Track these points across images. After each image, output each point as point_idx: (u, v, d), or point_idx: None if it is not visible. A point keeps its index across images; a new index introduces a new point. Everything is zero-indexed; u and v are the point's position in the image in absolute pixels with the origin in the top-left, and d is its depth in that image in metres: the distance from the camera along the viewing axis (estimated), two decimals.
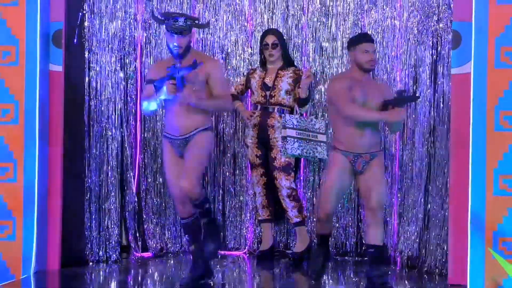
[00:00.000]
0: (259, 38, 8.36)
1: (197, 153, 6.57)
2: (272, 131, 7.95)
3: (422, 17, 7.77)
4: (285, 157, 7.84)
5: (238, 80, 8.44)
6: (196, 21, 6.80)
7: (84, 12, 7.82)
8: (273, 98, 8.00)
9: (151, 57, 8.48)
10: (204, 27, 7.72)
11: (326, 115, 8.36)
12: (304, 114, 8.15)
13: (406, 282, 7.37)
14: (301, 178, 8.53)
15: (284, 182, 7.91)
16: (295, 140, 7.69)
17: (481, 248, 6.72)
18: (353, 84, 6.57)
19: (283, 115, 7.89)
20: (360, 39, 6.75)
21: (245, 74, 8.42)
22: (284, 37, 8.31)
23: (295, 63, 8.37)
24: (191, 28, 6.57)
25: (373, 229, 6.60)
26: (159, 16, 6.73)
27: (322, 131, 7.87)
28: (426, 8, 7.71)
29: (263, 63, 8.17)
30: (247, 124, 8.13)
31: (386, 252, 6.85)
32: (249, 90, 8.26)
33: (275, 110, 7.99)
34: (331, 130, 8.19)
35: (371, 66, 6.72)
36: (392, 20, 8.16)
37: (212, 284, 7.05)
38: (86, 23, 7.85)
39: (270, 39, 8.05)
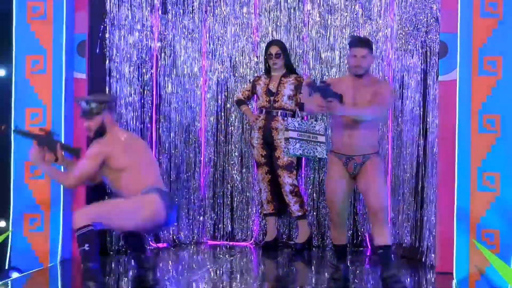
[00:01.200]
0: (264, 48, 8.38)
1: None
2: (275, 133, 8.05)
3: (412, 29, 7.78)
4: (287, 156, 7.89)
5: (245, 86, 8.48)
6: (103, 102, 6.32)
7: (105, 25, 7.81)
8: (276, 103, 8.08)
9: (166, 65, 8.47)
10: (107, 101, 6.45)
11: (325, 117, 8.39)
12: (305, 117, 8.20)
13: (399, 270, 7.15)
14: (303, 175, 8.54)
15: (286, 180, 8.02)
16: (297, 141, 7.69)
17: (466, 239, 6.73)
18: (340, 87, 6.09)
19: (285, 118, 7.94)
20: (351, 43, 6.30)
21: (251, 81, 8.45)
22: (287, 47, 8.32)
23: (297, 71, 8.39)
24: (97, 110, 6.25)
25: (378, 230, 6.21)
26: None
27: (322, 133, 7.86)
28: (415, 21, 7.73)
29: (268, 71, 8.23)
30: (253, 126, 8.18)
31: (393, 250, 6.32)
32: (255, 95, 8.32)
33: (279, 114, 8.08)
34: (329, 132, 8.32)
35: (355, 71, 6.21)
36: (385, 32, 8.19)
37: (211, 272, 7.12)
38: (107, 35, 7.83)
39: (274, 50, 8.11)
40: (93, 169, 6.19)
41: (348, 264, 6.70)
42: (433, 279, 6.84)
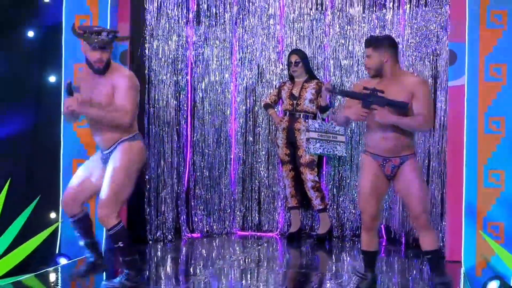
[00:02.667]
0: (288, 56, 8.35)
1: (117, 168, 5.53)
2: (298, 133, 7.99)
3: (423, 38, 7.76)
4: (309, 155, 7.89)
5: (271, 91, 8.44)
6: (117, 34, 5.57)
7: (145, 35, 7.85)
8: (299, 106, 8.04)
9: (200, 72, 8.48)
10: (124, 39, 6.09)
11: None
12: (326, 119, 8.20)
13: (411, 259, 7.33)
14: (324, 172, 8.50)
15: (308, 176, 7.97)
16: (317, 141, 7.75)
17: (473, 231, 6.74)
18: (361, 89, 5.48)
19: (307, 120, 7.95)
20: (364, 44, 5.67)
21: (277, 86, 8.43)
22: (308, 55, 8.27)
23: (319, 77, 8.34)
24: (112, 42, 5.50)
25: (423, 235, 5.53)
26: (79, 31, 5.48)
27: (341, 133, 7.91)
28: (426, 31, 7.73)
29: (292, 77, 8.18)
30: (278, 127, 8.15)
31: (442, 255, 5.79)
32: (280, 99, 8.30)
33: (301, 116, 8.03)
34: (349, 132, 8.33)
35: (368, 73, 5.59)
36: (399, 42, 7.96)
37: (240, 260, 7.12)
38: (146, 45, 7.87)
39: (293, 58, 8.08)
40: (137, 99, 5.57)
41: (376, 272, 5.79)
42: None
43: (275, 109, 8.35)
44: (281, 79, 8.56)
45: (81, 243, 5.79)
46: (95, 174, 5.64)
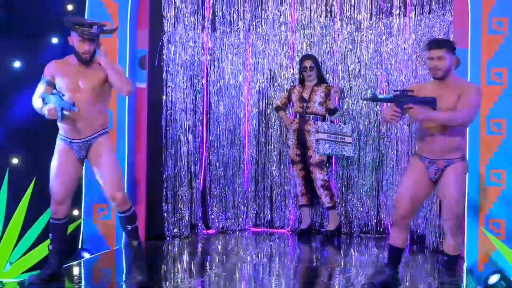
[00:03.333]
0: (299, 61, 8.37)
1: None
2: (308, 135, 8.04)
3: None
4: (318, 155, 7.97)
5: (283, 94, 8.46)
6: (104, 28, 5.54)
7: (163, 42, 7.85)
8: (309, 109, 8.07)
9: (215, 76, 8.50)
10: (111, 32, 5.78)
11: (352, 121, 8.37)
12: (335, 121, 8.23)
13: (415, 254, 7.34)
14: (333, 172, 8.50)
15: (318, 175, 8.02)
16: (326, 141, 7.87)
17: (475, 227, 6.75)
18: (421, 93, 5.31)
19: (316, 122, 8.02)
20: (426, 45, 5.42)
21: (287, 90, 8.45)
22: (319, 60, 8.31)
23: (328, 81, 8.34)
24: (99, 35, 5.50)
25: (446, 238, 5.44)
26: (71, 23, 5.50)
27: (349, 134, 7.98)
28: (431, 37, 7.56)
29: (302, 81, 8.23)
30: (289, 129, 8.19)
31: (459, 261, 5.55)
32: (291, 102, 8.32)
33: (311, 118, 8.07)
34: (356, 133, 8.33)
35: (433, 74, 5.31)
36: (404, 47, 8.11)
37: (253, 255, 7.13)
38: (164, 50, 7.87)
39: (308, 63, 8.12)
40: None
41: (398, 270, 5.61)
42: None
43: (286, 112, 8.38)
44: (292, 83, 8.55)
45: (51, 247, 5.66)
46: (70, 169, 5.57)
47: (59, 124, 5.56)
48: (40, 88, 5.58)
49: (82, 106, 5.42)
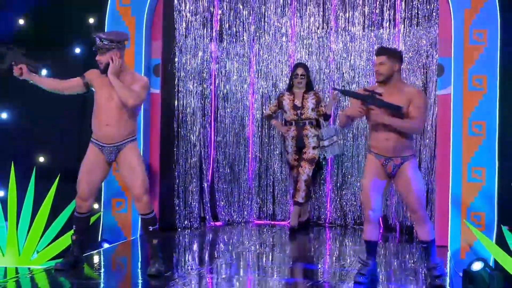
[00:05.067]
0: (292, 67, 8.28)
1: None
2: (306, 138, 7.86)
3: (415, 53, 7.78)
4: (312, 152, 7.81)
5: (272, 102, 8.22)
6: (113, 42, 5.43)
7: (175, 51, 7.86)
8: (303, 115, 7.87)
9: (222, 83, 8.51)
10: (120, 42, 5.54)
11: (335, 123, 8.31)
12: (330, 124, 8.17)
13: (403, 244, 7.35)
14: (329, 169, 8.48)
15: (306, 170, 7.79)
16: (328, 147, 7.79)
17: (458, 219, 6.79)
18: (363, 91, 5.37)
19: (311, 126, 7.86)
20: (378, 51, 5.41)
21: (276, 98, 8.22)
22: (316, 68, 8.26)
23: (324, 87, 8.33)
24: (109, 48, 5.40)
25: (419, 227, 5.39)
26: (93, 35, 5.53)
27: (335, 134, 7.86)
28: (418, 48, 7.74)
29: (290, 87, 8.02)
30: (286, 136, 7.95)
31: (434, 244, 5.43)
32: (279, 110, 8.06)
33: (306, 123, 7.87)
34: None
35: (376, 78, 5.34)
36: None
37: (257, 245, 7.12)
38: (176, 59, 7.86)
39: (300, 71, 7.92)
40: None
41: (376, 260, 5.59)
42: None
43: (278, 120, 8.20)
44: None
45: (74, 237, 5.66)
46: (97, 170, 5.56)
47: (92, 128, 5.57)
48: (74, 80, 5.60)
49: (113, 113, 5.45)
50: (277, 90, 8.68)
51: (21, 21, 7.92)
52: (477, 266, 6.21)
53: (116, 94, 5.43)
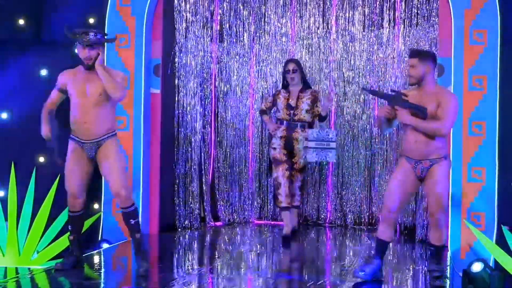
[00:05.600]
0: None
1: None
2: (296, 142, 7.26)
3: None
4: (304, 162, 7.34)
5: (268, 98, 7.64)
6: (106, 37, 5.59)
7: (175, 51, 7.86)
8: (296, 116, 7.30)
9: (222, 82, 8.50)
10: (112, 41, 5.90)
11: (338, 126, 8.32)
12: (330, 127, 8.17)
13: (403, 244, 7.36)
14: (330, 170, 8.48)
15: (299, 177, 7.35)
16: (314, 150, 7.11)
17: (458, 219, 6.78)
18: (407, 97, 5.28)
19: (307, 129, 7.25)
20: (410, 54, 5.35)
21: (272, 94, 7.79)
22: (316, 68, 8.24)
23: (324, 87, 8.33)
24: (100, 42, 5.47)
25: (432, 230, 5.36)
26: (72, 33, 5.53)
27: (334, 140, 7.27)
28: (418, 48, 7.61)
29: (285, 85, 7.48)
30: (274, 134, 7.36)
31: (445, 251, 5.46)
32: (274, 107, 7.54)
33: (298, 126, 7.29)
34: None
35: (408, 80, 5.33)
36: (393, 56, 8.14)
37: (257, 244, 7.13)
38: (176, 59, 7.87)
39: (291, 66, 7.35)
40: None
41: (383, 261, 5.56)
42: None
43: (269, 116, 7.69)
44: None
45: (71, 237, 5.68)
46: (82, 167, 5.56)
47: (71, 125, 5.57)
48: (53, 94, 5.63)
49: (90, 110, 5.45)
50: (277, 90, 8.64)
51: (21, 21, 7.90)
52: (477, 267, 6.19)
53: (92, 90, 5.44)
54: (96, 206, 7.51)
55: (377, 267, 5.45)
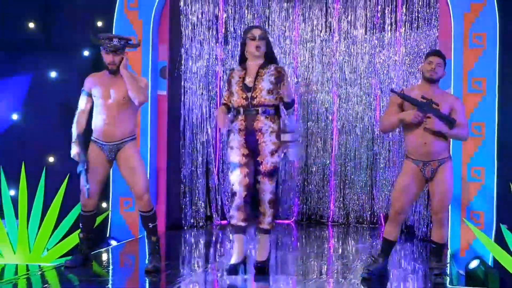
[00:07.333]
0: (301, 69, 8.30)
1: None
2: (260, 135, 5.27)
3: (415, 56, 7.79)
4: (271, 162, 5.28)
5: (225, 88, 5.59)
6: (129, 42, 5.54)
7: (181, 54, 7.90)
8: (255, 100, 5.25)
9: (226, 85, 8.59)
10: (135, 46, 5.67)
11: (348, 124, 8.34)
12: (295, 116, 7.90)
13: (405, 242, 7.34)
14: (332, 169, 8.48)
15: (267, 187, 5.28)
16: (294, 144, 5.36)
17: (458, 218, 6.80)
18: (409, 93, 5.32)
19: (268, 116, 5.28)
20: (428, 53, 5.43)
21: (226, 79, 5.85)
22: (319, 70, 8.22)
23: (326, 89, 8.36)
24: (124, 48, 5.47)
25: (435, 228, 5.37)
26: (95, 39, 5.54)
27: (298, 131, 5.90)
28: (418, 50, 7.75)
29: (242, 61, 5.46)
30: (232, 129, 5.35)
31: (446, 248, 5.47)
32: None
33: (259, 112, 5.26)
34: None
35: (430, 75, 5.23)
36: (394, 59, 8.16)
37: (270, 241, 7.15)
38: (182, 62, 7.91)
39: (257, 32, 5.31)
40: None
41: (388, 261, 5.57)
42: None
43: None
44: (296, 90, 8.50)
45: (82, 235, 5.69)
46: (99, 168, 5.56)
47: (93, 127, 5.59)
48: (82, 100, 5.61)
49: (113, 112, 5.47)
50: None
51: (31, 25, 7.94)
52: (473, 264, 6.23)
53: (116, 94, 5.45)
54: (104, 205, 7.54)
55: (382, 267, 5.46)
